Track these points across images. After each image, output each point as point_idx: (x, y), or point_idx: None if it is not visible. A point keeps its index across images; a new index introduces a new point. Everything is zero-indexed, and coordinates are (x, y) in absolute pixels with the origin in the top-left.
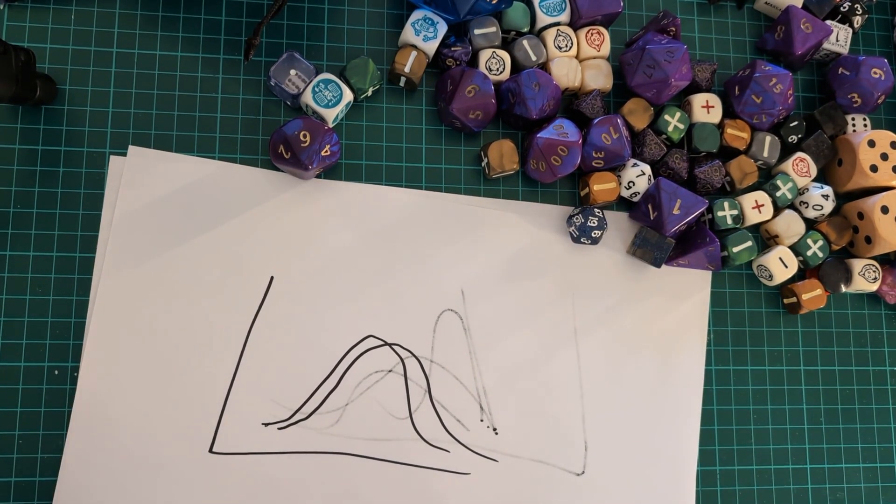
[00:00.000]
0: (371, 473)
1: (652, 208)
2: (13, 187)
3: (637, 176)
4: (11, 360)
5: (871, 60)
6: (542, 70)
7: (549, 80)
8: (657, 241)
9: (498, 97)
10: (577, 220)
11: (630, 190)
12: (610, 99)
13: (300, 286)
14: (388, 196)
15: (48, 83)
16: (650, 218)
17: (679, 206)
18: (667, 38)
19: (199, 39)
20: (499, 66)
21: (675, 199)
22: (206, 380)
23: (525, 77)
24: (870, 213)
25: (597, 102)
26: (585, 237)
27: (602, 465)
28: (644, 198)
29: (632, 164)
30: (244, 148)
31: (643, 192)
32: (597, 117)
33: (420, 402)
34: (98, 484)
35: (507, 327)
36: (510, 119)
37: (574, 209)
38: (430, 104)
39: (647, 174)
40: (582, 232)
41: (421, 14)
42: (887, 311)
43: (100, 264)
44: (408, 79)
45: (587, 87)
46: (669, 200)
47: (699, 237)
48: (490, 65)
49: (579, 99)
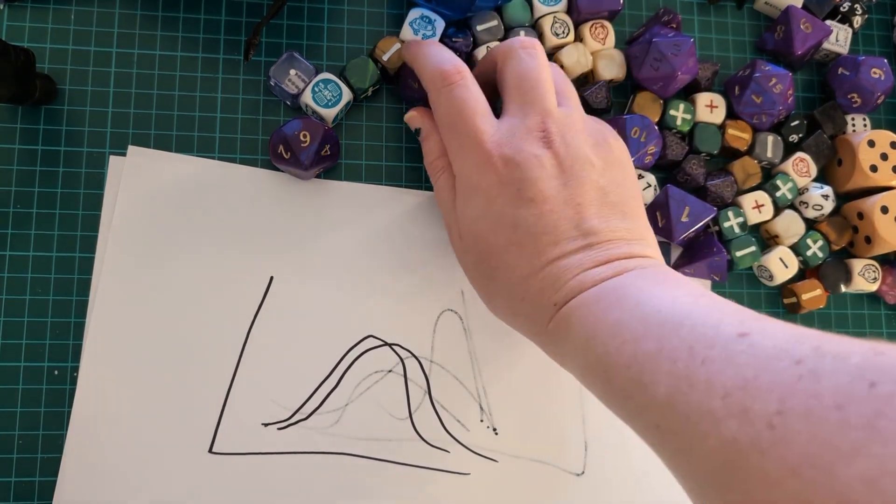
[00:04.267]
0: (371, 473)
1: (660, 216)
2: (13, 187)
3: (644, 189)
4: (11, 360)
5: (871, 60)
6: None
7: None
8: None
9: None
10: None
11: None
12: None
13: (300, 286)
14: (388, 196)
15: (48, 83)
16: (658, 226)
17: (687, 213)
18: (673, 32)
19: (199, 39)
20: None
21: (683, 207)
22: (205, 380)
23: None
24: (870, 213)
25: (601, 93)
26: None
27: (602, 465)
28: (652, 205)
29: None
30: (244, 148)
31: (651, 201)
32: (601, 107)
33: (420, 403)
34: (98, 484)
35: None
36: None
37: None
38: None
39: (652, 185)
40: None
41: (419, 13)
42: (887, 311)
43: (99, 264)
44: (383, 66)
45: (600, 76)
46: (678, 208)
47: (706, 247)
48: None
49: (584, 87)
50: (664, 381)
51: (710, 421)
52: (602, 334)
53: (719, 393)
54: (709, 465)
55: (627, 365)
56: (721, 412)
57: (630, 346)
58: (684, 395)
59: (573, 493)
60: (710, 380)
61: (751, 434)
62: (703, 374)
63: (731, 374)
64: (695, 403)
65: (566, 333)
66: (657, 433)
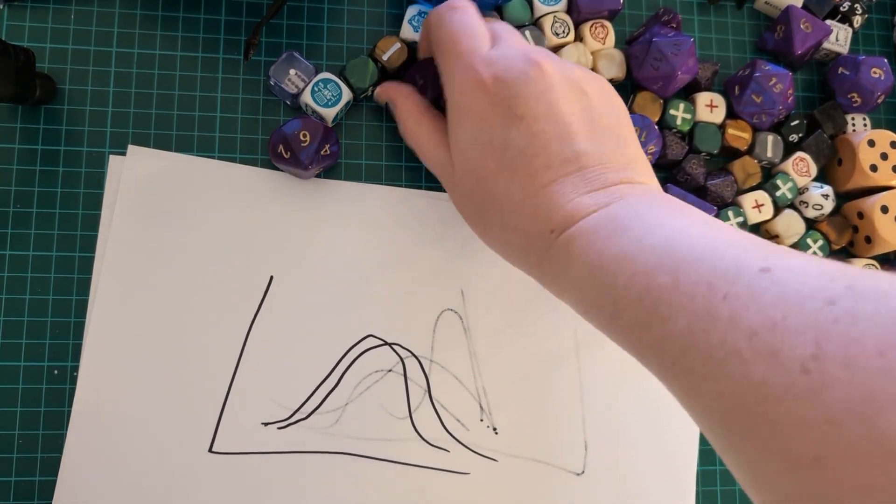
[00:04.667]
0: (371, 473)
1: None
2: (13, 187)
3: None
4: (11, 359)
5: (871, 60)
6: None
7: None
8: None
9: None
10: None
11: None
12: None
13: (300, 286)
14: (388, 196)
15: (48, 83)
16: None
17: None
18: (673, 32)
19: (199, 39)
20: None
21: None
22: (205, 379)
23: None
24: (870, 213)
25: None
26: None
27: (602, 465)
28: None
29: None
30: (244, 148)
31: None
32: None
33: (420, 402)
34: (98, 484)
35: (507, 327)
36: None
37: None
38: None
39: None
40: None
41: (416, 9)
42: None
43: (99, 264)
44: (383, 66)
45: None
46: None
47: None
48: None
49: None
50: (682, 316)
51: (737, 361)
52: (608, 265)
53: (745, 333)
54: (731, 408)
55: (639, 298)
56: (748, 353)
57: (641, 278)
58: (705, 333)
59: (573, 493)
60: (733, 317)
61: (783, 379)
62: (725, 311)
63: (756, 313)
64: (717, 342)
65: (566, 264)
66: (673, 370)
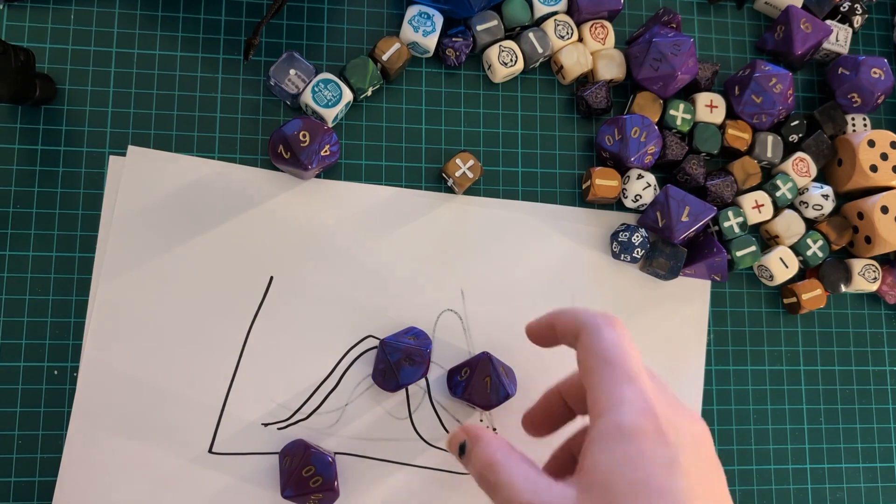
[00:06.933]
0: (371, 473)
1: (660, 216)
2: (13, 187)
3: (643, 189)
4: (11, 360)
5: (871, 60)
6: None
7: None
8: (671, 252)
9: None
10: (622, 237)
11: (637, 203)
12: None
13: (300, 286)
14: (388, 196)
15: (48, 83)
16: (658, 225)
17: (687, 213)
18: (673, 32)
19: (199, 39)
20: (511, 59)
21: (683, 207)
22: (205, 380)
23: None
24: (870, 213)
25: (601, 92)
26: (626, 254)
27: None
28: (652, 205)
29: (636, 176)
30: (244, 148)
31: (651, 201)
32: (600, 107)
33: (420, 403)
34: (98, 484)
35: (506, 328)
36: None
37: (620, 225)
38: (430, 104)
39: (652, 185)
40: (624, 249)
41: (416, 9)
42: (887, 311)
43: (99, 264)
44: (382, 66)
45: (600, 76)
46: (678, 208)
47: (706, 247)
48: (503, 59)
49: (585, 86)
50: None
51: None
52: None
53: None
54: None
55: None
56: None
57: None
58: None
59: None
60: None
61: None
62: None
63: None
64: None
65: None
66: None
